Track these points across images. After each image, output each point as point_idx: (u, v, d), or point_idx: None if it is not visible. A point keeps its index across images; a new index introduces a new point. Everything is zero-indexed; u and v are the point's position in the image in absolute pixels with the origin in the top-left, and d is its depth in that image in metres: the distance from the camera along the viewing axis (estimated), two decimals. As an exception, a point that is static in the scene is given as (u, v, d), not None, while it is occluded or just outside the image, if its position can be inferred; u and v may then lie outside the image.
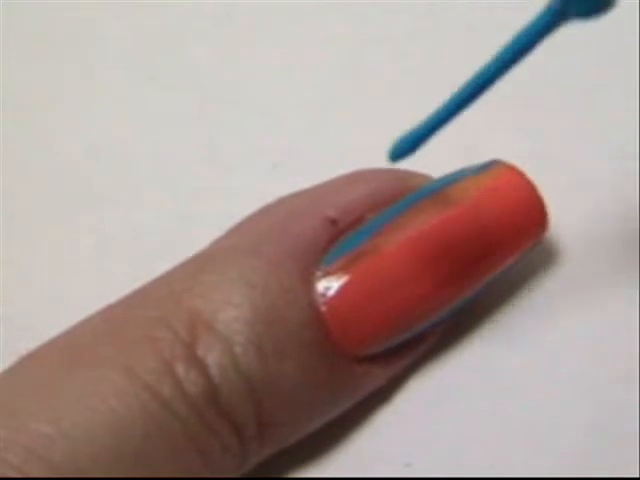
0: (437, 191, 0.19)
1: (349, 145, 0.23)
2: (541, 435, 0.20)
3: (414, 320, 0.19)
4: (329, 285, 0.18)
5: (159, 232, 0.22)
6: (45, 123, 0.23)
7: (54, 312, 0.20)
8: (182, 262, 0.19)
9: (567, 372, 0.20)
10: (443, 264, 0.19)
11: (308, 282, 0.18)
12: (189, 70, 0.24)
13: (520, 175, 0.19)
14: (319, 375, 0.18)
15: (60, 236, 0.22)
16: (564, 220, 0.21)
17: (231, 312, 0.18)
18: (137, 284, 0.19)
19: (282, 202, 0.20)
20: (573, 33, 0.23)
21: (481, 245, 0.19)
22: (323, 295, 0.18)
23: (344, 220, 0.19)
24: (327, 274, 0.18)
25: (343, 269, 0.18)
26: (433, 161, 0.20)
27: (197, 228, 0.20)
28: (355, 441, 0.20)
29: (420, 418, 0.20)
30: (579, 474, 0.19)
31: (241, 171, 0.23)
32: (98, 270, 0.21)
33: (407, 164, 0.21)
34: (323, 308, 0.18)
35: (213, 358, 0.17)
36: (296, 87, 0.24)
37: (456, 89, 0.17)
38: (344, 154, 0.22)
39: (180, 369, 0.17)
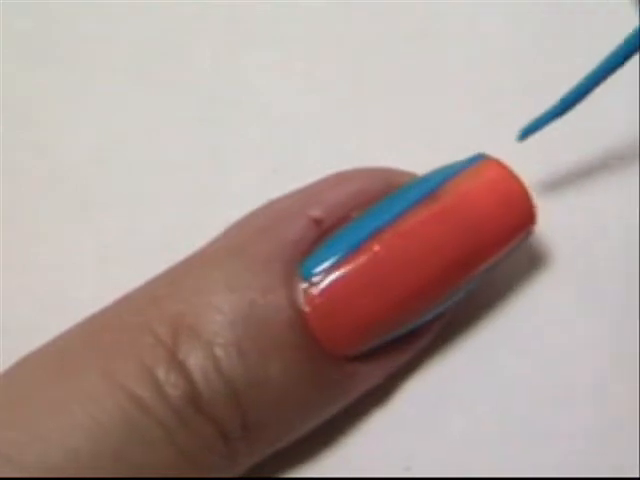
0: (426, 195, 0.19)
1: (349, 150, 0.23)
2: (541, 435, 0.19)
3: (402, 319, 0.19)
4: (313, 285, 0.18)
5: (159, 236, 0.22)
6: (45, 126, 0.23)
7: (54, 316, 0.20)
8: (166, 269, 0.19)
9: (567, 372, 0.20)
10: (431, 262, 0.19)
11: (291, 283, 0.18)
12: (190, 74, 0.24)
13: (505, 168, 0.19)
14: (304, 376, 0.18)
15: (60, 239, 0.22)
16: (562, 220, 0.21)
17: (213, 315, 0.18)
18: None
19: (269, 204, 0.20)
20: (573, 32, 0.23)
21: (468, 241, 0.19)
22: (306, 295, 0.18)
23: (329, 220, 0.19)
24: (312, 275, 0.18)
25: (328, 270, 0.18)
26: (421, 157, 0.20)
27: (197, 233, 0.20)
28: (354, 444, 0.20)
29: (419, 420, 0.20)
30: (579, 474, 0.19)
31: (241, 176, 0.23)
32: (98, 274, 0.22)
33: (397, 162, 0.21)
34: (306, 308, 0.18)
35: (195, 361, 0.17)
36: (297, 91, 0.23)
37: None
38: (344, 159, 0.22)
39: (161, 373, 0.17)
